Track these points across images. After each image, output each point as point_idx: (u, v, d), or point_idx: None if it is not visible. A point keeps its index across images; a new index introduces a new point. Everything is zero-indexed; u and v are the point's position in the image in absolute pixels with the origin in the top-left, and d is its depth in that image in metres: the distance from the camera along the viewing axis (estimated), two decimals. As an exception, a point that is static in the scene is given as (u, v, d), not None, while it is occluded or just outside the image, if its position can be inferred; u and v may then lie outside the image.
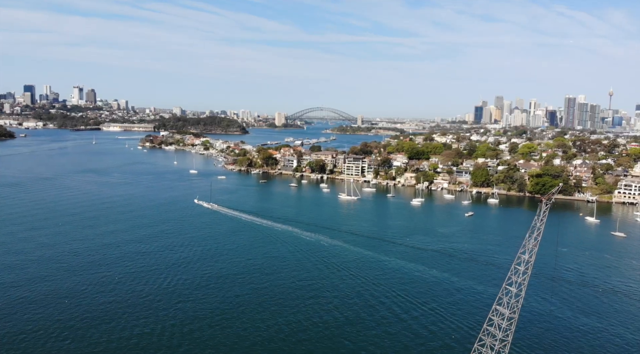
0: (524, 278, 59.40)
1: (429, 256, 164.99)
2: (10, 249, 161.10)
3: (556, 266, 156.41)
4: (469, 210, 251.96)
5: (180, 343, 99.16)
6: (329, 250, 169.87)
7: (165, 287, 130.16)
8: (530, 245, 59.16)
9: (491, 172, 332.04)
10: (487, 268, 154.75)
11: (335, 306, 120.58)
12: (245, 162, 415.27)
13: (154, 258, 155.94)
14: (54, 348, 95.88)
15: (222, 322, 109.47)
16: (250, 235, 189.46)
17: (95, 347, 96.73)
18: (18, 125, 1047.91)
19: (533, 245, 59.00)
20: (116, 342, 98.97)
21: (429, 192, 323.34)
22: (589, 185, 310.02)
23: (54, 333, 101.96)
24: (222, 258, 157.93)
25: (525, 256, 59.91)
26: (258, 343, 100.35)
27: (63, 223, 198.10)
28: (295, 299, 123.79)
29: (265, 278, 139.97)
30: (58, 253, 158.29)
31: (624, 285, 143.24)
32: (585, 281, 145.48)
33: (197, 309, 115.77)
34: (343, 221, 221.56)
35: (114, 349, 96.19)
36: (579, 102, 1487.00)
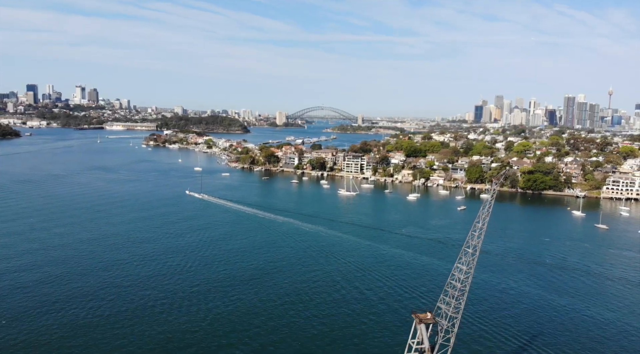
0: (474, 257, 69.18)
1: (419, 244, 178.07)
2: (36, 239, 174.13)
3: (539, 253, 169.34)
4: (461, 205, 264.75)
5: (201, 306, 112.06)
6: (326, 239, 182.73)
7: (184, 266, 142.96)
8: (481, 223, 68.99)
9: (485, 169, 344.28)
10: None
11: (327, 287, 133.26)
12: (248, 160, 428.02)
13: (164, 246, 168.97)
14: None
15: (233, 292, 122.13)
16: (253, 225, 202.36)
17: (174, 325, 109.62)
18: (22, 124, 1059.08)
19: (483, 221, 68.94)
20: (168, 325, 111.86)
21: (425, 188, 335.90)
22: (579, 182, 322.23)
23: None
24: (231, 246, 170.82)
25: (479, 227, 69.90)
26: (254, 310, 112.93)
27: (89, 219, 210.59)
28: (293, 278, 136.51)
29: (267, 258, 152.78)
30: (92, 245, 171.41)
31: (600, 268, 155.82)
32: (563, 265, 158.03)
33: (216, 281, 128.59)
34: (341, 214, 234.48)
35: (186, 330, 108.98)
36: (578, 102, 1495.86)
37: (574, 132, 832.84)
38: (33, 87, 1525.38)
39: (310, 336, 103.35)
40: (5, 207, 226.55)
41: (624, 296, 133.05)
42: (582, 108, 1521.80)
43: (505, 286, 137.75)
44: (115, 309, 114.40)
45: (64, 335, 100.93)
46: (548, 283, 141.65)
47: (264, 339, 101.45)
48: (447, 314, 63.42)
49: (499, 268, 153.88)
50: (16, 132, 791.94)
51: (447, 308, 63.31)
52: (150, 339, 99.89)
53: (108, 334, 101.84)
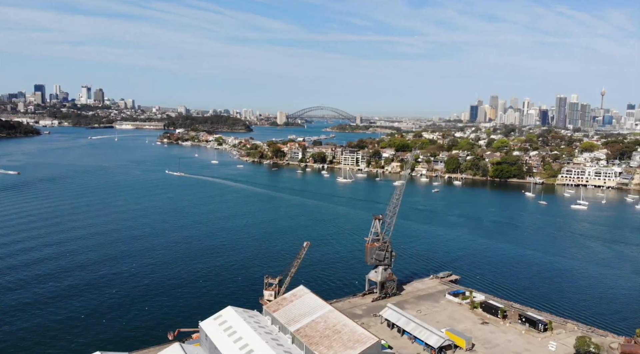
0: (394, 211, 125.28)
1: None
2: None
3: (490, 217, 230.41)
4: (436, 188, 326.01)
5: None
6: (321, 209, 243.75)
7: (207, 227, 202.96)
8: (397, 193, 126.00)
9: (461, 161, 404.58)
10: (429, 213, 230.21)
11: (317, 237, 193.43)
12: (258, 154, 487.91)
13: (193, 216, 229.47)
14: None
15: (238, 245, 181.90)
16: (263, 201, 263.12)
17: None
18: (35, 123, 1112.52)
19: (400, 190, 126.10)
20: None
21: (411, 177, 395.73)
22: (539, 171, 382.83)
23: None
24: (246, 215, 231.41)
25: (397, 191, 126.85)
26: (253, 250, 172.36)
27: (159, 194, 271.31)
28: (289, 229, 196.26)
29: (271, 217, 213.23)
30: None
31: (527, 224, 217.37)
32: (504, 222, 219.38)
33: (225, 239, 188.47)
34: (338, 193, 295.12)
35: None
36: (570, 102, 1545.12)
37: (552, 131, 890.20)
38: (41, 87, 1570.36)
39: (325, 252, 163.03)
40: (89, 187, 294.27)
41: (536, 240, 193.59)
42: (574, 108, 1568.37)
43: (465, 235, 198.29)
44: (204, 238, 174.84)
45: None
46: (491, 232, 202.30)
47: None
48: (388, 216, 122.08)
49: (460, 225, 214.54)
50: (36, 130, 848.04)
51: (388, 214, 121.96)
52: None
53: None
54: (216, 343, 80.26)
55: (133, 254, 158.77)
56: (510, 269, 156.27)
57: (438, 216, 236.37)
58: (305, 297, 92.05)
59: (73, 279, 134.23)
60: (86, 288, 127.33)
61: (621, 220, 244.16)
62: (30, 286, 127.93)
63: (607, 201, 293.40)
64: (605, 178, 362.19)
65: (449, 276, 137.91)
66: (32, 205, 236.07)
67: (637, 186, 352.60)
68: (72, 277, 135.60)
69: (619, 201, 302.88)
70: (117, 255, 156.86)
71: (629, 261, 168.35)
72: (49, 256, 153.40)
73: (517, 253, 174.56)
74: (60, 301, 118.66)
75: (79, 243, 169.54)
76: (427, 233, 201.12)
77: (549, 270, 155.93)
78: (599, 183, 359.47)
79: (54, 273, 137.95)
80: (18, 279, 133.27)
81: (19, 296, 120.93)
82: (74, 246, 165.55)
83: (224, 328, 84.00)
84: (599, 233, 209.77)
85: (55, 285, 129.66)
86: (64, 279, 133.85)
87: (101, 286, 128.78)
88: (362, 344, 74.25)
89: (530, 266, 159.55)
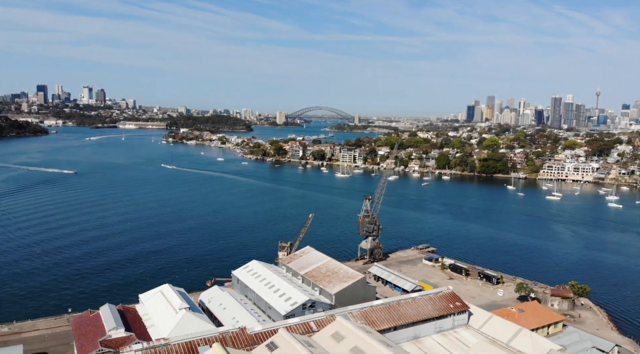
0: (381, 193, 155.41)
1: (385, 200, 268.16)
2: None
3: (471, 205, 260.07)
4: (425, 182, 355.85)
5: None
6: (321, 199, 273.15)
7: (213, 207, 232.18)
8: (383, 179, 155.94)
9: (451, 158, 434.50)
10: (417, 202, 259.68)
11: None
12: (261, 152, 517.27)
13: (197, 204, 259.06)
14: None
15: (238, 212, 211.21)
16: (269, 193, 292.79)
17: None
18: (39, 123, 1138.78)
19: (385, 179, 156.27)
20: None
21: (404, 173, 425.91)
22: (523, 167, 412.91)
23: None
24: (250, 202, 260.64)
25: (383, 180, 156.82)
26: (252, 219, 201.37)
27: (177, 186, 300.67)
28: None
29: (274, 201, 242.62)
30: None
31: (506, 210, 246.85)
32: (484, 209, 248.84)
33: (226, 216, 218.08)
34: (335, 186, 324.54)
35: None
36: (565, 102, 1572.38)
37: (544, 130, 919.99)
38: (43, 87, 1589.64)
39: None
40: (119, 181, 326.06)
41: (506, 222, 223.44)
42: (569, 108, 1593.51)
43: (446, 219, 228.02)
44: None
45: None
46: (468, 217, 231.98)
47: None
48: (376, 197, 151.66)
49: (442, 212, 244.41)
50: (44, 129, 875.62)
51: (376, 196, 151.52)
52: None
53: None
54: (246, 283, 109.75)
55: (180, 231, 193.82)
56: (478, 243, 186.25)
57: (424, 204, 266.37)
58: (311, 253, 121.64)
59: (146, 246, 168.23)
60: (154, 253, 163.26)
61: (587, 209, 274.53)
62: (121, 250, 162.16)
63: (580, 193, 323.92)
64: (583, 173, 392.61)
65: (427, 248, 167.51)
66: (97, 195, 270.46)
67: (613, 180, 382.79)
68: (145, 245, 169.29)
69: (592, 194, 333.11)
70: (167, 232, 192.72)
71: (581, 238, 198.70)
72: (127, 230, 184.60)
73: (487, 232, 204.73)
74: (137, 263, 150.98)
75: (138, 224, 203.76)
76: (414, 217, 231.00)
77: (510, 244, 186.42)
78: (577, 177, 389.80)
79: (128, 242, 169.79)
80: (105, 246, 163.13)
81: (106, 257, 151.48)
82: (139, 226, 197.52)
83: (251, 274, 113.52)
84: (563, 218, 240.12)
85: (132, 249, 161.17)
86: (138, 245, 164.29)
87: (165, 252, 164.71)
88: (352, 279, 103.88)
89: (496, 241, 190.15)
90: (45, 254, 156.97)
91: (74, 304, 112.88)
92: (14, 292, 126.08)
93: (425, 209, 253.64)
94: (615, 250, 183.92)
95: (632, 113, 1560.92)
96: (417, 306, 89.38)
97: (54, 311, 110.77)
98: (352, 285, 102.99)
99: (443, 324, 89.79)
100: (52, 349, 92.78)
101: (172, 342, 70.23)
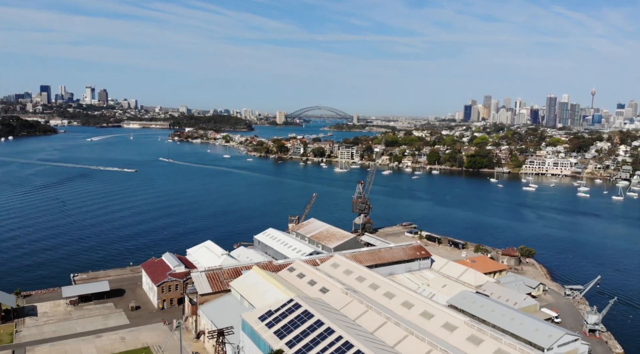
0: (371, 178, 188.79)
1: (375, 190, 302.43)
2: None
3: (453, 194, 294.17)
4: (416, 176, 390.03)
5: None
6: (321, 189, 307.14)
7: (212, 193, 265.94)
8: (373, 168, 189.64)
9: (441, 154, 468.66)
10: (406, 192, 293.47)
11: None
12: (264, 150, 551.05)
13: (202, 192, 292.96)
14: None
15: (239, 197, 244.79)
16: (275, 184, 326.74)
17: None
18: (45, 123, 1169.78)
19: (374, 168, 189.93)
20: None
21: (398, 168, 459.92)
22: (507, 162, 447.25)
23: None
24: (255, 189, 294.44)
25: (371, 170, 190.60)
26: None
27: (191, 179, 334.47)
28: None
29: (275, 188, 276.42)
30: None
31: (486, 199, 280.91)
32: (465, 196, 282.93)
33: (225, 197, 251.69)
34: (334, 179, 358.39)
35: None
36: (560, 101, 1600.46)
37: (537, 129, 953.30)
38: (46, 87, 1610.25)
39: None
40: (162, 174, 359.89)
41: (480, 207, 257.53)
42: (564, 107, 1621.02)
43: (429, 204, 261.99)
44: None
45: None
46: (449, 203, 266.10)
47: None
48: (367, 182, 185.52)
49: (427, 199, 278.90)
50: (54, 128, 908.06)
51: (367, 181, 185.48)
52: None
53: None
54: (265, 243, 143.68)
55: (211, 209, 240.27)
56: (454, 222, 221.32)
57: (413, 194, 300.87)
58: (315, 222, 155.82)
59: (189, 218, 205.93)
60: (194, 222, 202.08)
61: (557, 197, 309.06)
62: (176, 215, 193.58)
63: (555, 185, 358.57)
64: (562, 167, 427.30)
65: (410, 225, 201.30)
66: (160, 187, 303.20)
67: (589, 174, 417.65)
68: (188, 217, 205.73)
69: (567, 186, 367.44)
70: (201, 209, 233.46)
71: (543, 219, 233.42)
72: (174, 206, 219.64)
73: (463, 214, 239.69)
74: (183, 229, 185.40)
75: (180, 203, 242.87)
76: (402, 204, 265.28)
77: (480, 222, 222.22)
78: (556, 172, 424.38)
79: (176, 216, 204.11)
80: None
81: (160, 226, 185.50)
82: (182, 204, 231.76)
83: (269, 237, 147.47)
84: (532, 204, 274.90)
85: (179, 220, 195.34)
86: (183, 217, 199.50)
87: (200, 221, 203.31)
88: (347, 238, 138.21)
89: (469, 220, 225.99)
90: (116, 225, 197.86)
91: (135, 258, 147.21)
92: (91, 248, 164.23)
93: (413, 197, 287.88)
94: (568, 227, 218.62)
95: (626, 113, 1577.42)
96: (393, 252, 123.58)
97: (119, 263, 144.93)
98: (346, 242, 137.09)
99: (411, 266, 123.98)
100: (124, 287, 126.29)
101: (224, 267, 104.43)
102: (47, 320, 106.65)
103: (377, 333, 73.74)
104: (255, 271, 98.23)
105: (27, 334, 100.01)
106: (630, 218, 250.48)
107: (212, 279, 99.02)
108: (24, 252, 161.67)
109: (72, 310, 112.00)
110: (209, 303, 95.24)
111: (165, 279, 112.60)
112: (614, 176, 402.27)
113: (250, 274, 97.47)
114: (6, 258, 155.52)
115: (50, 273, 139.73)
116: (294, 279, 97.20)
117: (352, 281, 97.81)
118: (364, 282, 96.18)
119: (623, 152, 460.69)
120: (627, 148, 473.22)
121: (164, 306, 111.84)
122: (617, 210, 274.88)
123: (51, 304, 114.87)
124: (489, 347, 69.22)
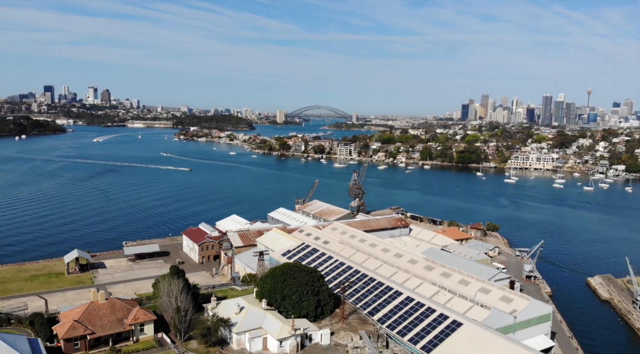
0: (365, 168, 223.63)
1: (369, 182, 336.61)
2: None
3: (439, 185, 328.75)
4: (409, 170, 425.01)
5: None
6: (322, 181, 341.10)
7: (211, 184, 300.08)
8: (367, 160, 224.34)
9: (433, 150, 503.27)
10: (398, 183, 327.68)
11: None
12: (267, 147, 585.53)
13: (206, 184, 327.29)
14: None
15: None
16: (279, 178, 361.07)
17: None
18: (52, 122, 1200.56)
19: (367, 160, 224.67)
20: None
21: (392, 163, 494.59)
22: (494, 158, 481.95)
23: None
24: (258, 182, 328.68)
25: (365, 163, 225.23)
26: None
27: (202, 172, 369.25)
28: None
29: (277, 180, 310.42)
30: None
31: (470, 190, 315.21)
32: (449, 186, 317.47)
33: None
34: (333, 172, 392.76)
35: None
36: (555, 100, 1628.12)
37: (531, 128, 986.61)
38: (50, 88, 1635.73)
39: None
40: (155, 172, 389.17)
41: (460, 195, 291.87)
42: (559, 106, 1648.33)
43: (417, 193, 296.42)
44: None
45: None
46: (434, 191, 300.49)
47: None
48: (361, 172, 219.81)
49: (415, 189, 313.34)
50: (62, 128, 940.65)
51: (361, 171, 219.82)
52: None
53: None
54: (278, 218, 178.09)
55: (233, 193, 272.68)
56: (436, 206, 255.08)
57: (405, 185, 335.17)
58: (318, 203, 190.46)
59: (214, 198, 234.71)
60: (219, 201, 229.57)
61: (534, 188, 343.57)
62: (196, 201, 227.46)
63: (535, 178, 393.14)
64: (544, 162, 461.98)
65: (398, 208, 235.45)
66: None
67: (569, 168, 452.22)
68: (215, 199, 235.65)
69: (546, 179, 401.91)
70: (222, 193, 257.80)
71: (514, 204, 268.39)
72: (209, 192, 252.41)
73: (445, 200, 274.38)
74: (210, 206, 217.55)
75: (211, 190, 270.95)
76: (394, 193, 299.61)
77: (458, 206, 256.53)
78: (539, 166, 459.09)
79: (208, 197, 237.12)
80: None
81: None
82: (212, 191, 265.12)
83: (281, 214, 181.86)
84: (509, 193, 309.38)
85: (210, 200, 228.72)
86: (211, 197, 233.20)
87: (224, 201, 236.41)
88: (344, 213, 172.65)
89: (449, 205, 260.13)
90: (156, 204, 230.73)
91: (173, 230, 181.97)
92: (136, 222, 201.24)
93: (404, 188, 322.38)
94: (536, 211, 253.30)
95: (622, 111, 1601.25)
96: (379, 222, 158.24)
97: (161, 234, 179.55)
98: (343, 216, 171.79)
99: (393, 233, 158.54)
100: (169, 250, 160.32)
101: (250, 229, 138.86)
102: (115, 270, 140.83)
103: (363, 265, 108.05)
104: (274, 231, 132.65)
105: (103, 279, 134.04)
106: (594, 204, 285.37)
107: (242, 237, 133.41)
108: (83, 225, 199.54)
109: (132, 265, 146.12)
110: (240, 253, 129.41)
111: (204, 240, 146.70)
112: (592, 170, 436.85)
113: (271, 233, 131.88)
114: (72, 228, 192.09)
115: (107, 240, 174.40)
116: (303, 236, 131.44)
117: (346, 238, 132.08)
118: (354, 238, 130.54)
119: (602, 148, 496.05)
120: (606, 144, 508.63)
121: (203, 261, 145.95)
122: (585, 198, 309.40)
123: (115, 261, 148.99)
124: (452, 276, 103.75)
